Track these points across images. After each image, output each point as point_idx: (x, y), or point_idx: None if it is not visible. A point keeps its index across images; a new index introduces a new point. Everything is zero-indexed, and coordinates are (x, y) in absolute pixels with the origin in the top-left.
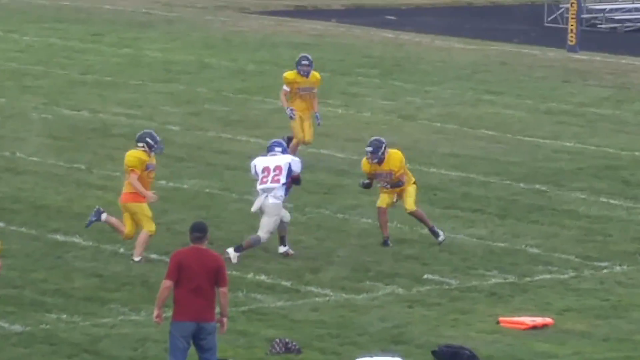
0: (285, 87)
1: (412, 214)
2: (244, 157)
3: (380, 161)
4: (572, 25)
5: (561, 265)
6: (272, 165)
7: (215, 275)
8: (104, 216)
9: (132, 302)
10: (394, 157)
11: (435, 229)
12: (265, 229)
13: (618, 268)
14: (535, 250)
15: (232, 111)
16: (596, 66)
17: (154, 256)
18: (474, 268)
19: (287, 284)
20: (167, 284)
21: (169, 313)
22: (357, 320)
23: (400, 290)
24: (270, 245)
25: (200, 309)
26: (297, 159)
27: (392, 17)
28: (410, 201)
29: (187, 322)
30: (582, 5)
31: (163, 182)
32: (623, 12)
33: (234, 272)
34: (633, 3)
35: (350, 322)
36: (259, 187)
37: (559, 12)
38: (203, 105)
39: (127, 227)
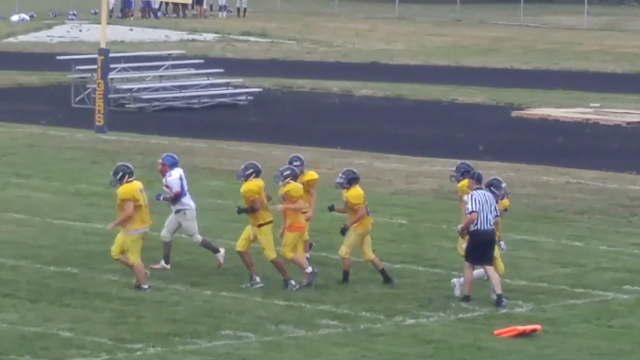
0: None
1: None
2: None
3: None
4: (99, 106)
5: (94, 349)
6: None
7: None
8: None
9: None
10: None
11: None
12: None
13: (152, 350)
14: (67, 334)
15: None
16: (124, 146)
17: None
18: (5, 354)
19: None
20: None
21: None
22: None
23: None
24: None
25: None
26: None
27: None
28: None
29: None
30: (110, 85)
31: None
32: (150, 91)
33: None
34: (160, 82)
35: None
36: None
37: (86, 93)
38: None
39: None
